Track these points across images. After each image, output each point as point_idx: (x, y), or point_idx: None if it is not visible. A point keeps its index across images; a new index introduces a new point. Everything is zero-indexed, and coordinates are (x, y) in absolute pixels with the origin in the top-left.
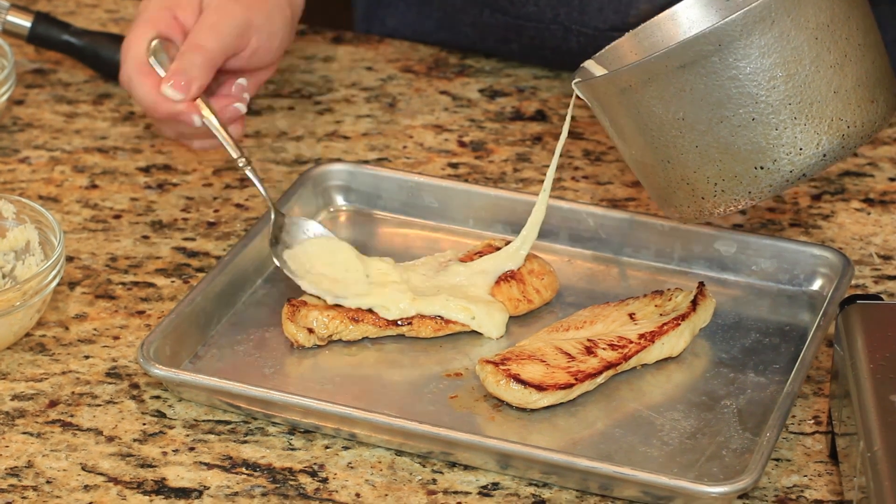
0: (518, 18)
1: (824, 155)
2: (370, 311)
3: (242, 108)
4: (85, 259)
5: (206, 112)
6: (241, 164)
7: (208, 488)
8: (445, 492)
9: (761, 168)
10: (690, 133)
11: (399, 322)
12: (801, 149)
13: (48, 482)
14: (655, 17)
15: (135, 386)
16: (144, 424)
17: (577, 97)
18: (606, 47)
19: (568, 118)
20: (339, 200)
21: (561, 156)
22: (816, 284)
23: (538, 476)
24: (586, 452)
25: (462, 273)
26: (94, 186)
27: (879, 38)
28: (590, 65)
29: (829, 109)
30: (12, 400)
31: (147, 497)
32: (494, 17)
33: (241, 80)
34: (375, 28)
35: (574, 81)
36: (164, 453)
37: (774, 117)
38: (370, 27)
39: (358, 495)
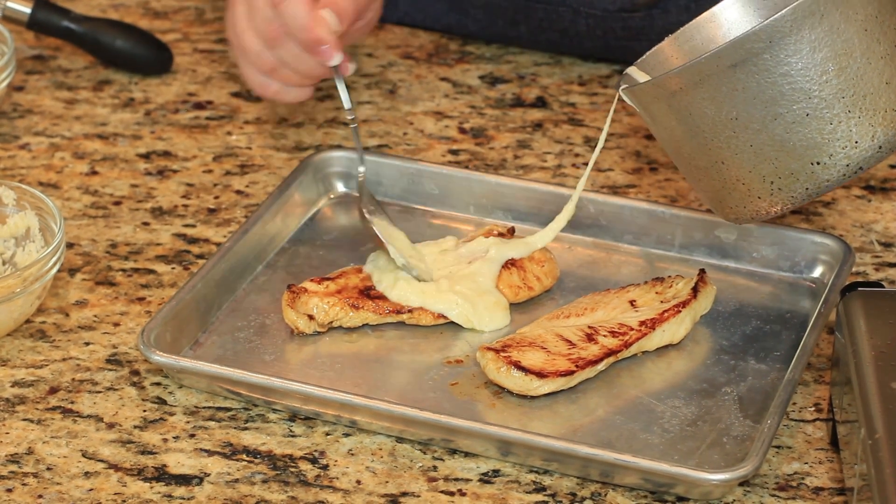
0: (528, 0)
1: (880, 147)
2: (371, 297)
3: (353, 66)
4: (85, 245)
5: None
6: (349, 118)
7: (209, 475)
8: (446, 479)
9: (818, 164)
10: (744, 132)
11: (399, 309)
12: (856, 142)
13: (48, 469)
14: (694, 20)
15: (135, 373)
16: (145, 411)
17: (621, 101)
18: (647, 53)
19: (607, 125)
20: (340, 187)
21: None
22: (817, 272)
23: (539, 463)
24: (587, 439)
25: (469, 259)
26: (95, 173)
27: None
28: (633, 71)
29: (883, 101)
30: (13, 386)
31: (147, 484)
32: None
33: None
34: (387, 10)
35: (621, 88)
36: (165, 440)
37: (828, 111)
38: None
39: (359, 482)
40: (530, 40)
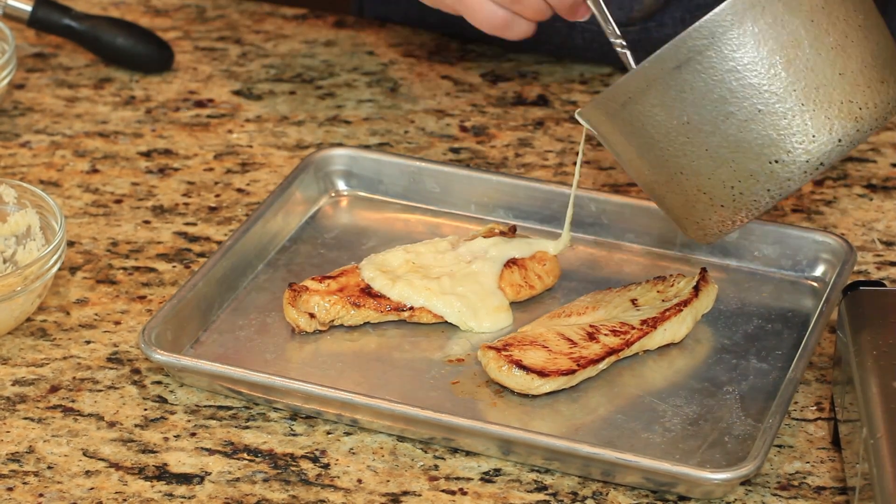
0: None
1: (839, 140)
2: (372, 295)
3: None
4: (86, 244)
5: None
6: (619, 47)
7: (210, 474)
8: (447, 478)
9: (776, 161)
10: (698, 136)
11: (401, 307)
12: (813, 136)
13: (49, 468)
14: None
15: (136, 371)
16: (146, 410)
17: (587, 133)
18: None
19: (580, 159)
20: (341, 185)
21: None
22: (819, 270)
23: (540, 462)
24: (588, 438)
25: (470, 257)
26: (95, 171)
27: (881, 21)
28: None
29: (837, 92)
30: (13, 385)
31: (148, 483)
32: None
33: None
34: (389, 9)
35: (577, 112)
36: (166, 439)
37: (781, 105)
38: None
39: (360, 481)
40: (528, 49)
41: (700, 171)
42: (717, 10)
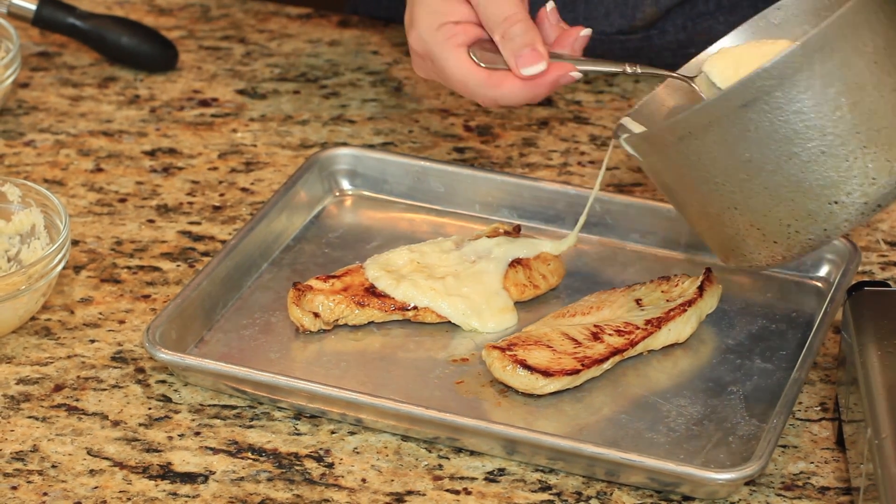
0: None
1: None
2: (376, 294)
3: (587, 32)
4: (90, 243)
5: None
6: (630, 71)
7: (214, 473)
8: (451, 477)
9: (835, 203)
10: (759, 175)
11: (405, 307)
12: (873, 178)
13: (53, 466)
14: (686, 64)
15: (140, 370)
16: (150, 409)
17: (618, 149)
18: (639, 103)
19: (603, 169)
20: (345, 185)
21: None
22: (823, 271)
23: (544, 462)
24: (593, 438)
25: (475, 257)
26: (100, 170)
27: None
28: (627, 122)
29: None
30: (17, 384)
31: (153, 482)
32: None
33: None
34: (393, 9)
35: (623, 137)
36: (170, 438)
37: (843, 148)
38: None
39: (364, 480)
40: None
41: (756, 209)
42: (788, 51)
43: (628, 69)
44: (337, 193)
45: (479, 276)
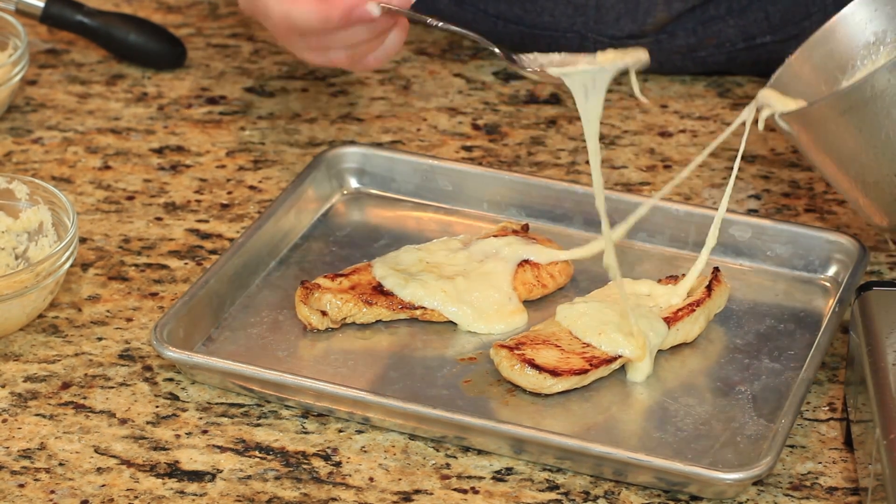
0: (533, 28)
1: None
2: (384, 293)
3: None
4: (98, 240)
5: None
6: (437, 25)
7: (221, 471)
8: (459, 476)
9: None
10: None
11: (412, 305)
12: None
13: (61, 464)
14: (817, 33)
15: (148, 368)
16: (157, 407)
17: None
18: (774, 76)
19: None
20: (353, 183)
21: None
22: (831, 270)
23: (552, 461)
24: (600, 438)
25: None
26: (108, 167)
27: None
28: (769, 94)
29: None
30: (25, 381)
31: (160, 480)
32: (508, 28)
33: None
34: None
35: (778, 115)
36: (177, 436)
37: None
38: None
39: (371, 479)
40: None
41: None
42: None
43: (435, 22)
44: (345, 192)
45: (488, 275)
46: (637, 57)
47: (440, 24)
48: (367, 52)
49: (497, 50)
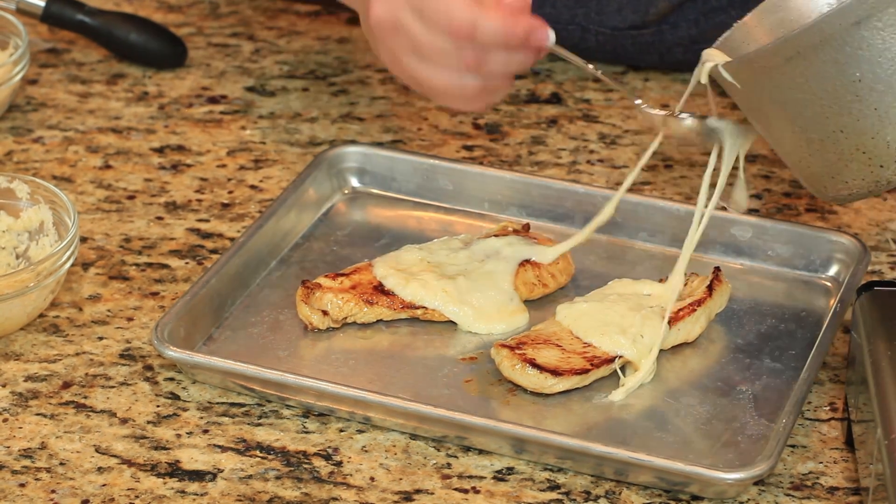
0: None
1: None
2: (385, 292)
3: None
4: (99, 240)
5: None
6: (593, 72)
7: (222, 471)
8: (460, 476)
9: None
10: (870, 94)
11: (413, 305)
12: None
13: (62, 464)
14: None
15: (148, 368)
16: (158, 406)
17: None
18: (724, 35)
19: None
20: (354, 182)
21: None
22: (833, 270)
23: (553, 461)
24: (601, 438)
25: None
26: (108, 167)
27: None
28: (713, 52)
29: None
30: (26, 381)
31: (161, 479)
32: None
33: None
34: None
35: (721, 64)
36: (178, 435)
37: None
38: None
39: (372, 479)
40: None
41: (864, 131)
42: None
43: (592, 69)
44: (346, 191)
45: (489, 275)
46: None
47: (599, 72)
48: (500, 89)
49: (644, 107)
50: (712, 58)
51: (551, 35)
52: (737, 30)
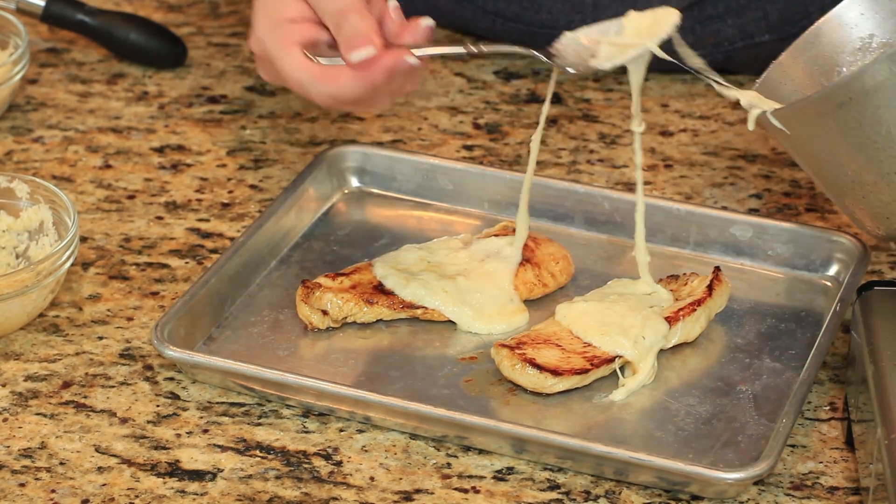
0: (531, 26)
1: None
2: (385, 292)
3: (428, 21)
4: (99, 239)
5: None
6: (476, 51)
7: (222, 471)
8: (460, 476)
9: None
10: None
11: (413, 305)
12: None
13: (62, 463)
14: (811, 29)
15: (148, 367)
16: (158, 406)
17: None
18: (763, 74)
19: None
20: (354, 182)
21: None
22: (832, 270)
23: (553, 461)
24: (601, 437)
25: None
26: (108, 166)
27: None
28: (756, 96)
29: None
30: (26, 381)
31: (161, 479)
32: (506, 25)
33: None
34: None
35: (769, 112)
36: (178, 435)
37: None
38: None
39: (372, 479)
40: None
41: None
42: None
43: (472, 48)
44: (346, 191)
45: (490, 275)
46: (669, 20)
47: (475, 49)
48: (406, 86)
49: (536, 53)
50: (757, 103)
51: (412, 59)
52: (773, 69)
